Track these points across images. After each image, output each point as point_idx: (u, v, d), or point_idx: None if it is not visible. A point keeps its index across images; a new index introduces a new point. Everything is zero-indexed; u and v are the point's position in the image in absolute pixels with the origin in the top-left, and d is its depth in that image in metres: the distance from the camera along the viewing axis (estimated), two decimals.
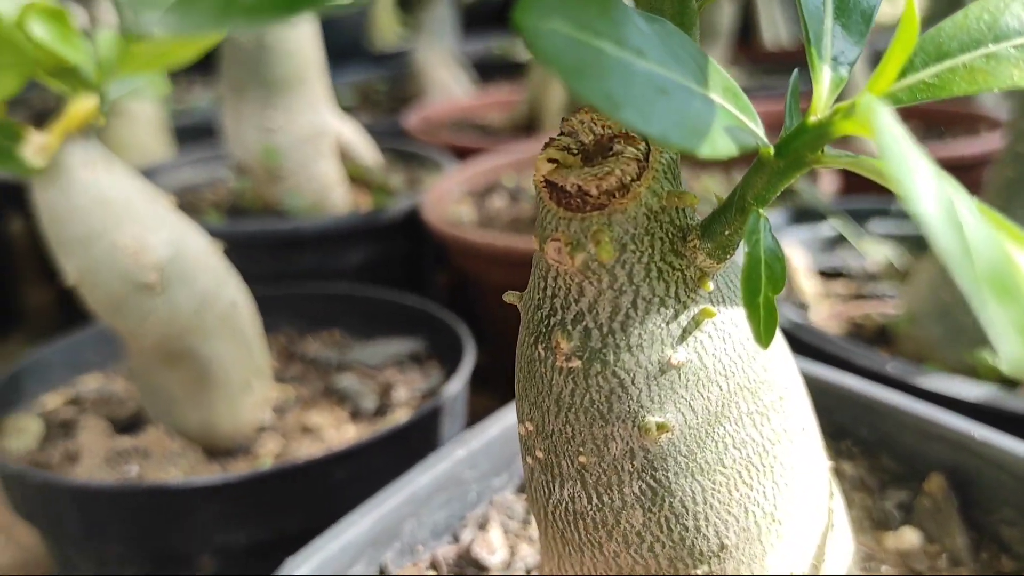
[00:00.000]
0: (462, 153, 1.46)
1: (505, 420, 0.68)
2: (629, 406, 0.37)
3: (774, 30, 2.23)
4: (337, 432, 0.89)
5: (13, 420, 0.91)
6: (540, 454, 0.40)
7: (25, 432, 0.89)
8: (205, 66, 2.37)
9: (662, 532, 0.38)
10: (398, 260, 1.26)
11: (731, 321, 0.38)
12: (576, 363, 0.37)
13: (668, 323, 0.36)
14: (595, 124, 0.37)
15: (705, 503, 0.38)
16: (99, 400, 0.93)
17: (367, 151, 1.39)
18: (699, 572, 0.39)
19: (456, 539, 0.63)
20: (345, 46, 2.44)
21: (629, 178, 0.35)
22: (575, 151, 0.37)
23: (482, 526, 0.64)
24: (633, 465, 0.37)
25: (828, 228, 1.06)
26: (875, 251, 0.99)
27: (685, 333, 0.37)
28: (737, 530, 0.39)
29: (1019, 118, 0.79)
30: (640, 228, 0.35)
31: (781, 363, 0.40)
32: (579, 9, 0.25)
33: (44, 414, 0.92)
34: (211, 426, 0.86)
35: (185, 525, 0.74)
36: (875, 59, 0.35)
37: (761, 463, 0.39)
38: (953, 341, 0.83)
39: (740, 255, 0.36)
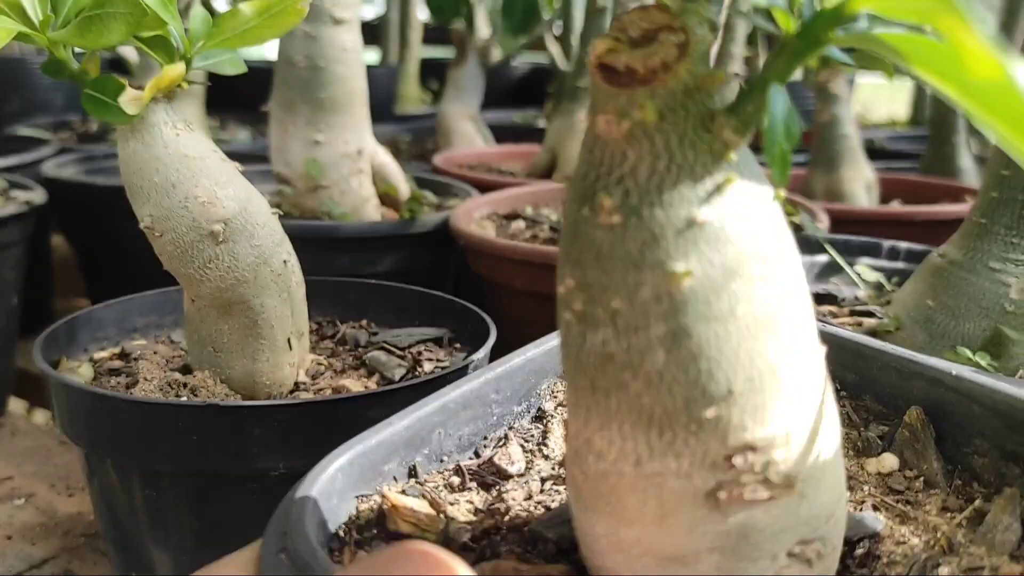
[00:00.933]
0: (485, 188, 1.57)
1: (528, 353, 0.76)
2: (659, 256, 0.42)
3: None
4: None
5: (65, 363, 0.98)
6: (578, 306, 0.45)
7: (77, 373, 0.96)
8: (244, 107, 2.49)
9: (679, 372, 0.44)
10: (425, 269, 1.35)
11: (747, 192, 0.45)
12: (616, 218, 0.43)
13: (696, 186, 0.43)
14: (642, 21, 0.44)
15: (717, 348, 0.44)
16: (148, 353, 1.00)
17: (399, 174, 1.50)
18: (709, 413, 0.44)
19: (477, 456, 0.70)
20: (373, 104, 2.58)
21: (671, 59, 0.42)
22: (625, 41, 0.44)
23: (501, 445, 0.71)
24: (659, 309, 0.43)
25: (823, 258, 1.15)
26: (868, 274, 1.08)
27: (709, 196, 0.43)
28: (743, 378, 0.44)
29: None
30: (677, 102, 0.42)
31: (784, 236, 0.47)
32: None
33: (94, 360, 0.99)
34: (253, 376, 0.93)
35: (231, 446, 0.80)
36: None
37: (766, 320, 0.45)
38: (935, 345, 0.92)
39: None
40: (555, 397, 0.78)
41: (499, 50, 2.21)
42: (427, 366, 1.00)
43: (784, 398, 0.46)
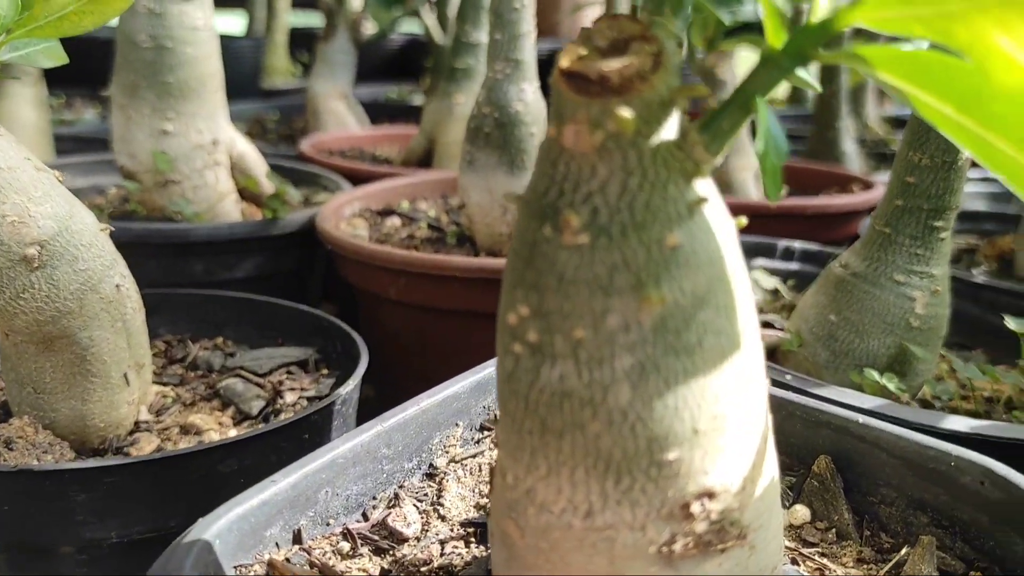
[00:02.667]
0: (356, 179, 1.45)
1: (421, 404, 0.68)
2: (629, 279, 0.39)
3: None
4: (219, 434, 0.85)
5: None
6: (533, 336, 0.41)
7: None
8: (91, 82, 2.29)
9: (645, 409, 0.40)
10: (288, 273, 1.23)
11: (717, 215, 0.41)
12: (583, 238, 0.39)
13: (668, 206, 0.39)
14: (611, 30, 0.40)
15: (685, 384, 0.40)
16: None
17: (261, 165, 1.36)
18: (671, 456, 0.40)
19: (366, 518, 0.63)
20: (237, 79, 2.40)
21: (647, 69, 0.38)
22: (593, 51, 0.40)
23: (392, 505, 0.63)
24: (627, 339, 0.39)
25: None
26: (765, 281, 1.03)
27: (681, 218, 0.39)
28: (709, 416, 0.41)
29: (906, 150, 0.84)
30: (652, 115, 0.38)
31: (743, 268, 0.43)
32: None
33: None
34: (83, 420, 0.80)
35: (49, 515, 0.68)
36: None
37: (732, 354, 0.41)
38: (838, 363, 0.87)
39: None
40: (447, 452, 0.71)
41: (372, 23, 2.07)
42: (289, 396, 0.89)
43: (742, 439, 0.43)
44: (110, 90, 1.27)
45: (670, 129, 0.39)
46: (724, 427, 0.42)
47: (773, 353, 0.92)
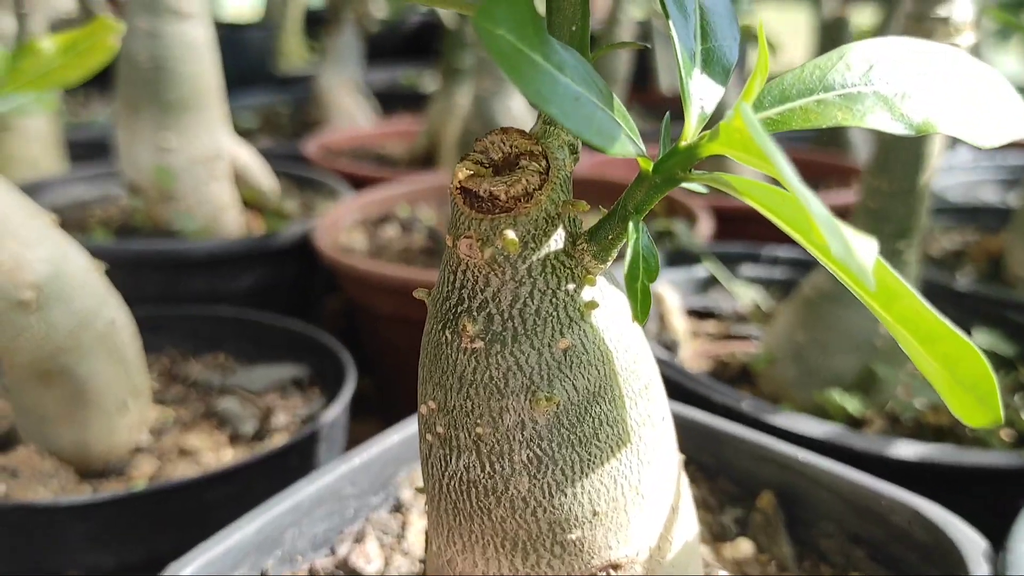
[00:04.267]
0: (359, 182, 1.48)
1: (386, 442, 0.71)
2: (522, 381, 0.42)
3: (671, 77, 2.33)
4: (215, 455, 0.89)
5: None
6: (440, 429, 0.45)
7: None
8: (103, 80, 2.33)
9: (544, 497, 0.44)
10: (288, 285, 1.27)
11: (610, 316, 0.44)
12: (479, 344, 0.42)
13: (559, 312, 0.43)
14: (504, 144, 0.43)
15: (582, 472, 0.44)
16: None
17: (263, 176, 1.40)
18: (573, 536, 0.44)
19: (333, 553, 0.67)
20: (250, 68, 2.44)
21: (533, 187, 0.42)
22: (487, 165, 0.43)
23: (358, 540, 0.67)
24: (523, 435, 0.43)
25: (702, 270, 1.12)
26: (744, 294, 1.05)
27: (572, 322, 0.43)
28: (607, 499, 0.44)
29: (869, 177, 0.86)
30: (540, 229, 0.42)
31: (646, 359, 0.47)
32: (520, 25, 0.33)
33: None
34: (84, 446, 0.85)
35: (51, 545, 0.73)
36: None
37: (629, 441, 0.45)
38: (806, 381, 0.89)
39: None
40: (412, 486, 0.74)
41: (382, 12, 2.09)
42: (282, 416, 0.94)
43: (646, 512, 0.46)
44: (114, 106, 1.32)
45: (558, 239, 0.42)
46: (625, 506, 0.45)
47: (746, 370, 0.95)
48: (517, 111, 1.12)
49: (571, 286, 0.42)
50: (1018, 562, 0.54)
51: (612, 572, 0.45)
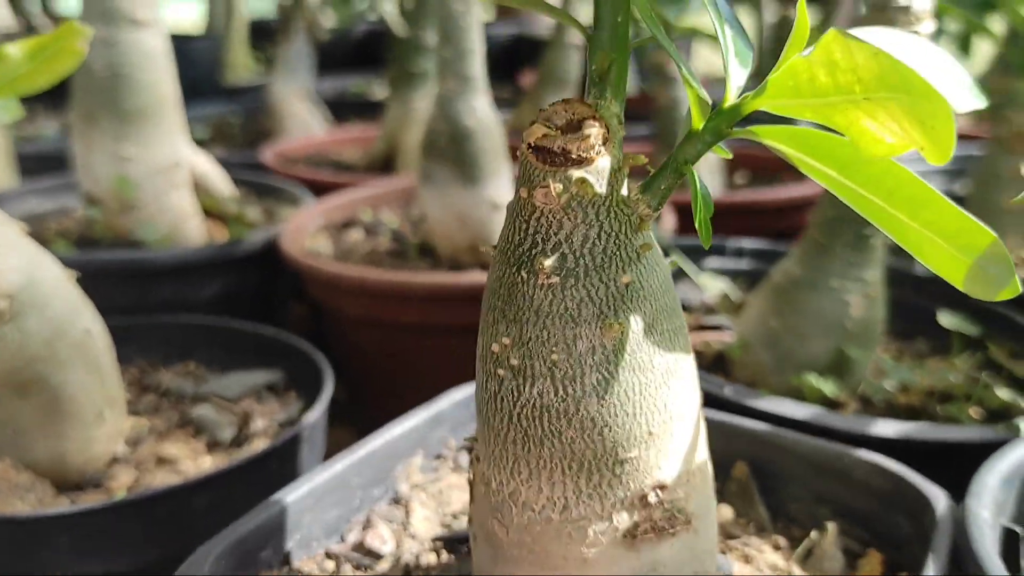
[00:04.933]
0: (319, 188, 1.48)
1: (385, 436, 0.75)
2: (593, 311, 0.48)
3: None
4: (194, 463, 0.89)
5: None
6: (515, 361, 0.50)
7: None
8: (51, 94, 2.29)
9: (610, 416, 0.49)
10: (254, 292, 1.26)
11: (657, 259, 0.51)
12: (555, 279, 0.48)
13: (621, 251, 0.49)
14: (567, 112, 0.49)
15: (641, 394, 0.49)
16: None
17: (222, 183, 1.39)
18: (632, 454, 0.50)
19: (343, 540, 0.70)
20: (197, 80, 2.41)
21: (599, 143, 0.48)
22: (553, 129, 0.49)
23: (366, 527, 0.71)
24: (594, 359, 0.48)
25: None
26: (712, 285, 1.08)
27: (631, 260, 0.49)
28: (659, 421, 0.50)
29: None
30: (604, 180, 0.48)
31: (677, 299, 0.53)
32: None
33: None
34: (62, 458, 0.84)
35: (35, 557, 0.72)
36: None
37: (675, 370, 0.51)
38: (781, 366, 0.92)
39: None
40: (409, 479, 0.77)
41: (330, 19, 2.09)
42: (260, 422, 0.93)
43: (685, 440, 0.53)
44: (70, 117, 1.30)
45: (619, 188, 0.49)
46: (671, 430, 0.51)
47: (721, 358, 0.97)
48: (481, 110, 1.13)
49: (630, 230, 0.49)
50: (979, 496, 0.61)
51: (659, 492, 0.50)
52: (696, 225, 0.49)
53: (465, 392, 0.82)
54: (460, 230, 1.17)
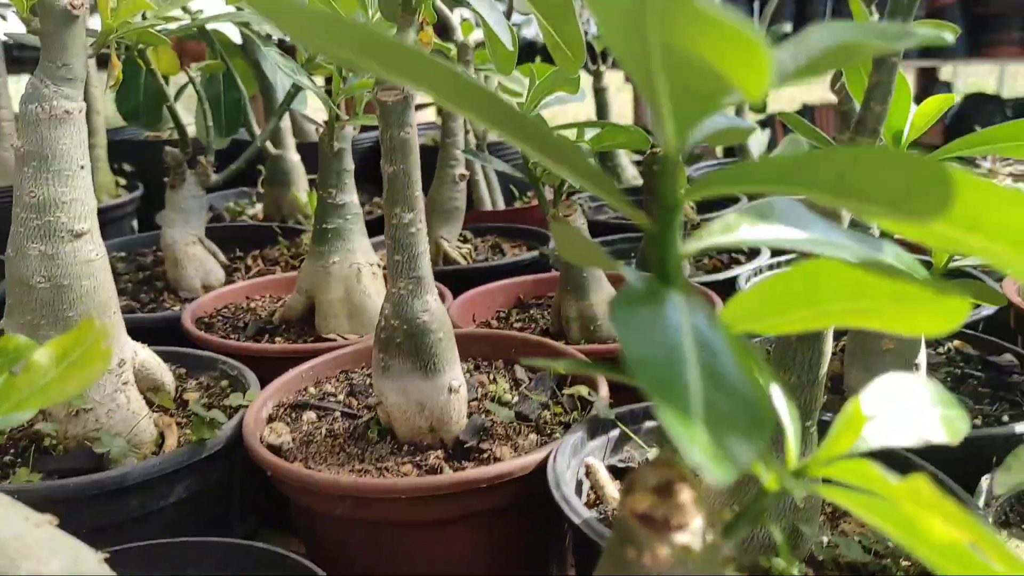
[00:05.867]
0: (252, 360, 1.51)
1: None
2: None
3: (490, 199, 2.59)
4: None
5: None
6: None
7: None
8: None
9: None
10: (218, 485, 1.29)
11: None
12: None
13: None
14: (654, 476, 0.54)
15: None
16: None
17: (161, 370, 1.41)
18: None
19: None
20: None
21: (693, 507, 0.53)
22: (647, 490, 0.54)
23: None
24: None
25: (615, 431, 1.26)
26: (652, 452, 1.20)
27: None
28: None
29: (779, 352, 1.03)
30: (699, 538, 0.53)
31: None
32: None
33: None
34: None
35: None
36: None
37: None
38: (746, 549, 1.04)
39: None
40: None
41: (212, 157, 2.11)
42: None
43: None
44: (2, 323, 1.28)
45: (708, 538, 0.54)
46: None
47: None
48: (433, 304, 1.21)
49: (717, 567, 0.54)
50: None
51: None
52: None
53: None
54: (419, 414, 1.25)
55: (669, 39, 0.43)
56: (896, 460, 1.13)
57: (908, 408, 0.63)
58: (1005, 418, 1.41)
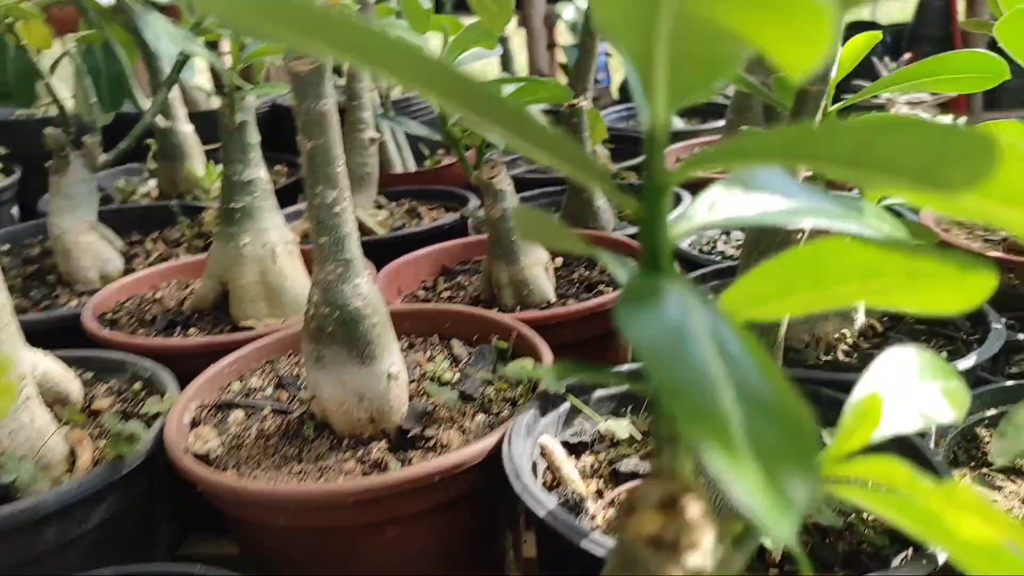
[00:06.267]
0: (165, 357, 1.40)
1: None
2: None
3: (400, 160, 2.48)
4: None
5: None
6: None
7: None
8: None
9: None
10: (138, 499, 1.19)
11: None
12: None
13: None
14: (657, 489, 0.49)
15: None
16: None
17: (67, 379, 1.28)
18: None
19: None
20: None
21: (703, 521, 0.47)
22: (653, 505, 0.49)
23: None
24: None
25: (565, 405, 1.20)
26: (621, 430, 1.15)
27: None
28: None
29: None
30: (710, 553, 0.48)
31: None
32: None
33: None
34: None
35: None
36: None
37: None
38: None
39: None
40: None
41: (99, 136, 1.94)
42: None
43: None
44: None
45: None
46: None
47: None
48: (365, 288, 1.13)
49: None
50: None
51: None
52: None
53: None
54: (358, 406, 1.17)
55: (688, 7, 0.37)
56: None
57: (906, 385, 0.59)
58: (943, 355, 1.41)
